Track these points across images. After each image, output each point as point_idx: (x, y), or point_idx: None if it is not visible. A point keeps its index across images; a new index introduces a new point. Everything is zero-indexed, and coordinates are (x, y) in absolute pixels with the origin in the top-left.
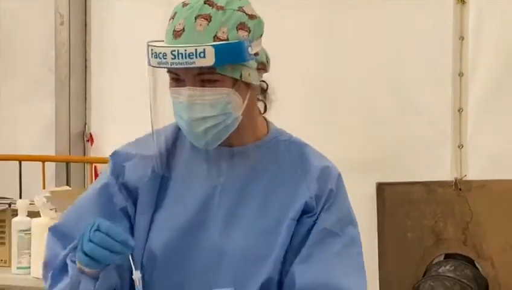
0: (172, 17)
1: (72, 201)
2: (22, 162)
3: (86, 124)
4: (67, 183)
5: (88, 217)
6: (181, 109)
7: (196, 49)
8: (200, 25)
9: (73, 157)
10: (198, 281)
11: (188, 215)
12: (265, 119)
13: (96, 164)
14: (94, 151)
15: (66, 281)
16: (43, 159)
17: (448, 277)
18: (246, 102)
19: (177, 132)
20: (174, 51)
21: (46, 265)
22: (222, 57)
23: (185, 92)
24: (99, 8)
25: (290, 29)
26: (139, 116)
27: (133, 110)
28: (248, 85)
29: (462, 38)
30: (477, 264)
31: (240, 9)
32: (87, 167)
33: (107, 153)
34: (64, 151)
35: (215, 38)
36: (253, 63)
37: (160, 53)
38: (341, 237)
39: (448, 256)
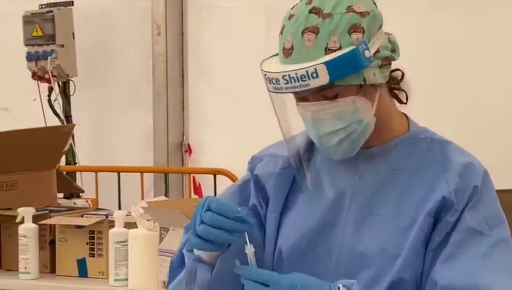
0: (281, 32)
1: (170, 211)
2: (121, 173)
3: (183, 134)
4: (166, 194)
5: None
6: (309, 124)
7: (307, 71)
8: (309, 40)
9: (171, 168)
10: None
11: (317, 216)
12: (406, 116)
13: (195, 175)
14: (192, 162)
15: (183, 273)
16: (141, 170)
17: None
18: (375, 103)
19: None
20: (286, 76)
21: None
22: (336, 72)
23: (309, 108)
24: (196, 18)
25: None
26: (237, 126)
27: (231, 120)
28: (375, 85)
29: None
30: None
31: (349, 9)
32: (185, 177)
33: (205, 163)
34: (162, 162)
35: (327, 50)
36: (375, 63)
37: (273, 79)
38: (489, 237)
39: None
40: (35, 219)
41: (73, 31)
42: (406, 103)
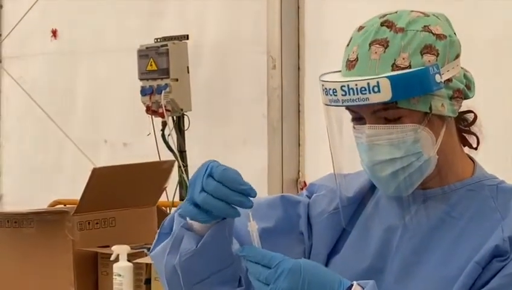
0: (348, 44)
1: None
2: None
3: (299, 171)
4: None
5: (265, 209)
6: (362, 150)
7: (369, 83)
8: (375, 52)
9: None
10: None
11: (364, 262)
12: (473, 159)
13: None
14: None
15: (168, 239)
16: None
17: None
18: (440, 139)
19: None
20: (344, 86)
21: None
22: (400, 89)
23: (365, 130)
24: (312, 51)
25: None
26: None
27: None
28: (442, 118)
29: None
30: None
31: (425, 28)
32: None
33: None
34: None
35: (394, 67)
36: (445, 92)
37: (330, 89)
38: None
39: None
40: (132, 257)
41: (187, 65)
42: (476, 149)
